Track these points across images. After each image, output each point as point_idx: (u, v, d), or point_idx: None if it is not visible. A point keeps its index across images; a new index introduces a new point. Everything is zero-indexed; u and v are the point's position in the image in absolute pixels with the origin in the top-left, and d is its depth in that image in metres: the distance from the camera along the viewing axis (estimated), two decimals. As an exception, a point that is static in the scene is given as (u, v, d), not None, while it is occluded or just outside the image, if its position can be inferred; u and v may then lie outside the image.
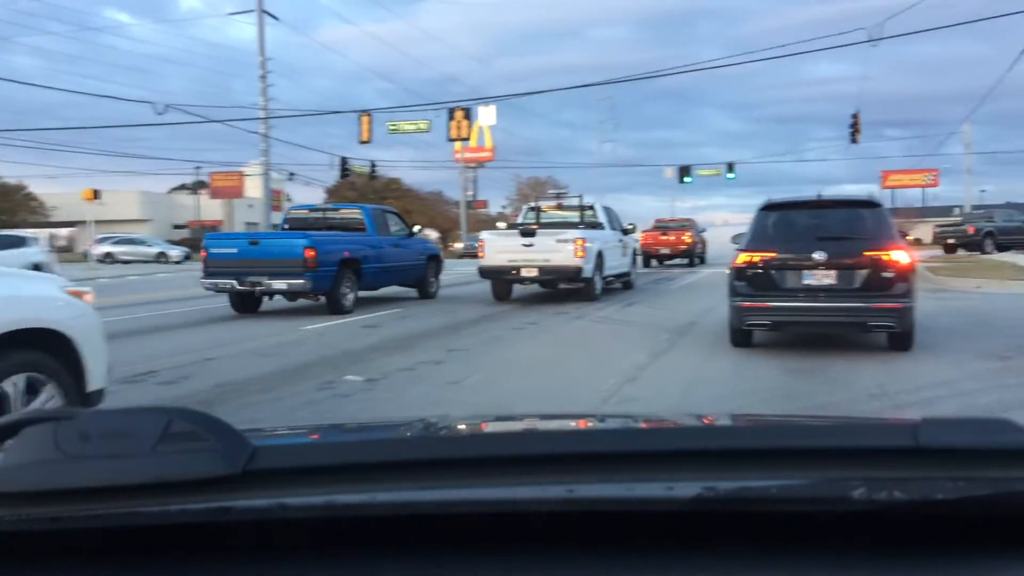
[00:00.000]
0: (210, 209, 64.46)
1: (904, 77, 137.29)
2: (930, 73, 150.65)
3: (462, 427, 1.63)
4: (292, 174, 55.55)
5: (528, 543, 0.90)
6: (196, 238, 44.27)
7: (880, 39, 22.45)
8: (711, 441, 1.03)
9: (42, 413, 0.94)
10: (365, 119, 36.18)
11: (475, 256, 15.88)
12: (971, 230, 32.46)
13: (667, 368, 7.75)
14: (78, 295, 4.93)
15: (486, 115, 45.13)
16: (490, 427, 1.74)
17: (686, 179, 47.80)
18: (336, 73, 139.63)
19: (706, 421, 1.59)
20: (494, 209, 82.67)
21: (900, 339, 8.28)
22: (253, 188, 56.09)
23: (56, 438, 0.90)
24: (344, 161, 42.14)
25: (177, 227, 66.54)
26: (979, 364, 7.47)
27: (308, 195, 76.67)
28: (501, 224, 18.51)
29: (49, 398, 4.53)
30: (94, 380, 4.82)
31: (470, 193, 63.73)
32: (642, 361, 8.06)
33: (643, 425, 1.66)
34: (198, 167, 60.55)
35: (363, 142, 36.24)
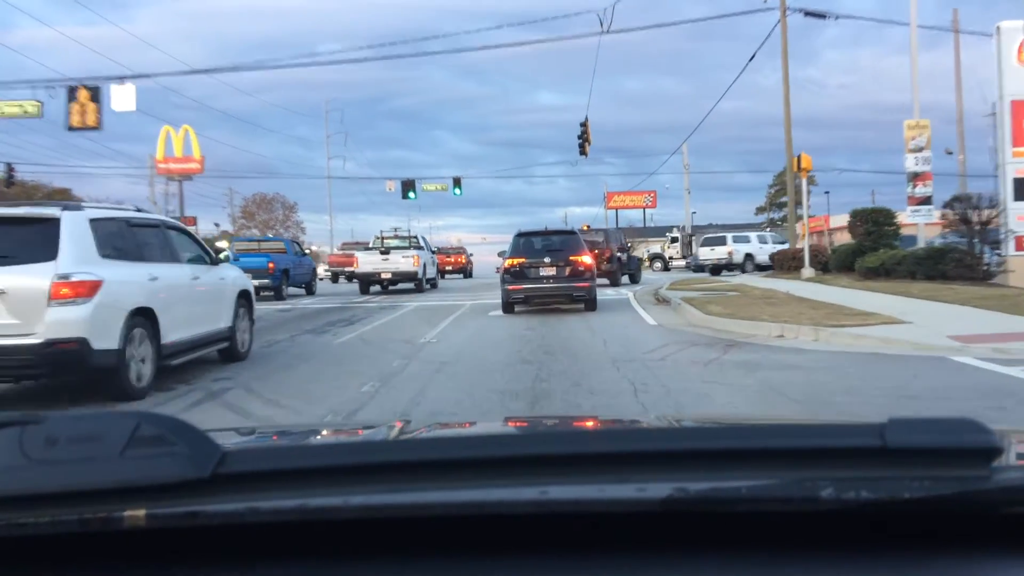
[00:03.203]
0: None
1: (620, 111, 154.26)
2: (641, 107, 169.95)
3: (435, 430, 1.76)
4: None
5: (501, 545, 0.91)
6: None
7: (610, 32, 27.33)
8: (682, 442, 1.03)
9: (8, 418, 0.93)
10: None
11: None
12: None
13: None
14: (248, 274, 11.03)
15: (122, 98, 33.77)
16: (463, 430, 1.82)
17: (410, 195, 46.60)
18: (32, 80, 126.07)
19: (677, 422, 1.65)
20: (206, 227, 67.24)
21: (590, 304, 15.28)
22: None
23: (22, 442, 0.89)
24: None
25: None
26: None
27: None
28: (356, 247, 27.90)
29: (244, 320, 9.80)
30: (253, 316, 10.42)
31: (171, 208, 54.51)
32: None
33: (614, 426, 1.77)
34: None
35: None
